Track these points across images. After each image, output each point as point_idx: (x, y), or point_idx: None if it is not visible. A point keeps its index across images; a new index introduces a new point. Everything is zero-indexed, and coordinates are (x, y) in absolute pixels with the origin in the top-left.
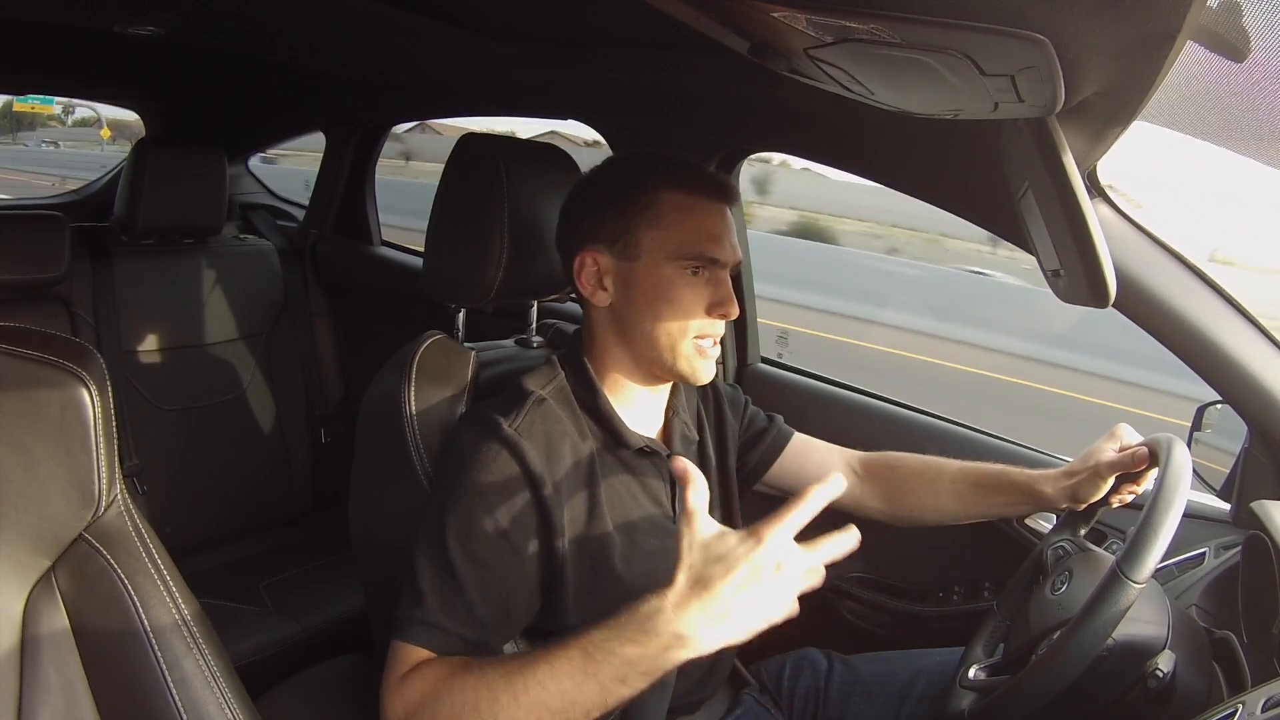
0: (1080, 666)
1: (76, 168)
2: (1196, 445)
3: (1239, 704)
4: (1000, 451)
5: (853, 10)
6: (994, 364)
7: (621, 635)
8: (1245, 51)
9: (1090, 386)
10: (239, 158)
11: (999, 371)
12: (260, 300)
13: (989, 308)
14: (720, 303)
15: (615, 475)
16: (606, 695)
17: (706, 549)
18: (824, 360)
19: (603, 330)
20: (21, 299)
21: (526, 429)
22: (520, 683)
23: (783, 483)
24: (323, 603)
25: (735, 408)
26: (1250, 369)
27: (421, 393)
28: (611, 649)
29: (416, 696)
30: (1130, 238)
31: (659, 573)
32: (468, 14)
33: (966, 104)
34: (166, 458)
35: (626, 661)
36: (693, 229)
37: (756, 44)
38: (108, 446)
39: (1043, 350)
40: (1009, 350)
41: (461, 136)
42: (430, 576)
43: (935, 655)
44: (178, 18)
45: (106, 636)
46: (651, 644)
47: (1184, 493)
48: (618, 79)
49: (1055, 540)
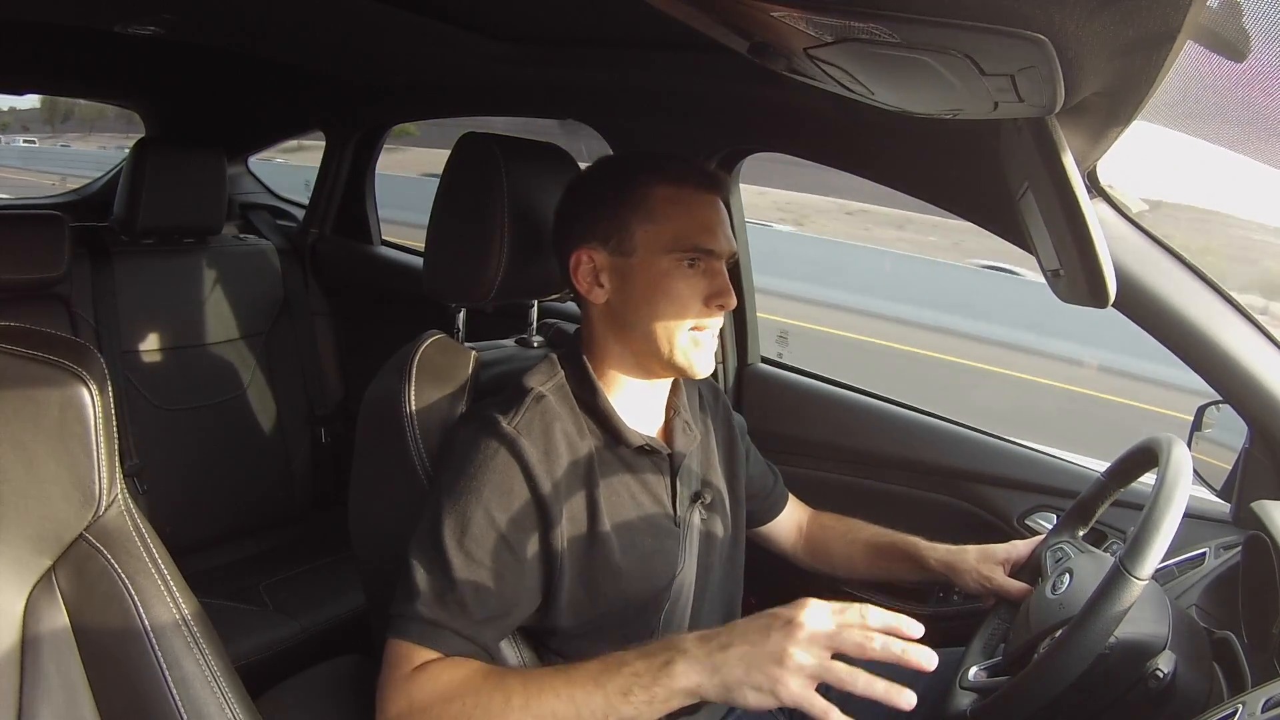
0: (1082, 666)
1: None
2: (1198, 443)
3: (1239, 704)
4: (1000, 451)
5: (853, 10)
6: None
7: (637, 649)
8: (1245, 51)
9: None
10: (239, 158)
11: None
12: (260, 300)
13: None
14: (717, 293)
15: (614, 473)
16: (609, 708)
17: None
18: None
19: (601, 327)
20: (21, 299)
21: (525, 426)
22: (535, 689)
23: (756, 534)
24: (323, 603)
25: (743, 433)
26: (1250, 369)
27: (422, 392)
28: (624, 658)
29: (426, 696)
30: (1130, 238)
31: (656, 572)
32: (467, 14)
33: (966, 104)
34: (166, 458)
35: (634, 674)
36: (685, 221)
37: (756, 44)
38: (108, 446)
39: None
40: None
41: (462, 136)
42: (426, 573)
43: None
44: (178, 18)
45: (107, 636)
46: (657, 656)
47: (1185, 490)
48: (618, 79)
49: (1055, 541)
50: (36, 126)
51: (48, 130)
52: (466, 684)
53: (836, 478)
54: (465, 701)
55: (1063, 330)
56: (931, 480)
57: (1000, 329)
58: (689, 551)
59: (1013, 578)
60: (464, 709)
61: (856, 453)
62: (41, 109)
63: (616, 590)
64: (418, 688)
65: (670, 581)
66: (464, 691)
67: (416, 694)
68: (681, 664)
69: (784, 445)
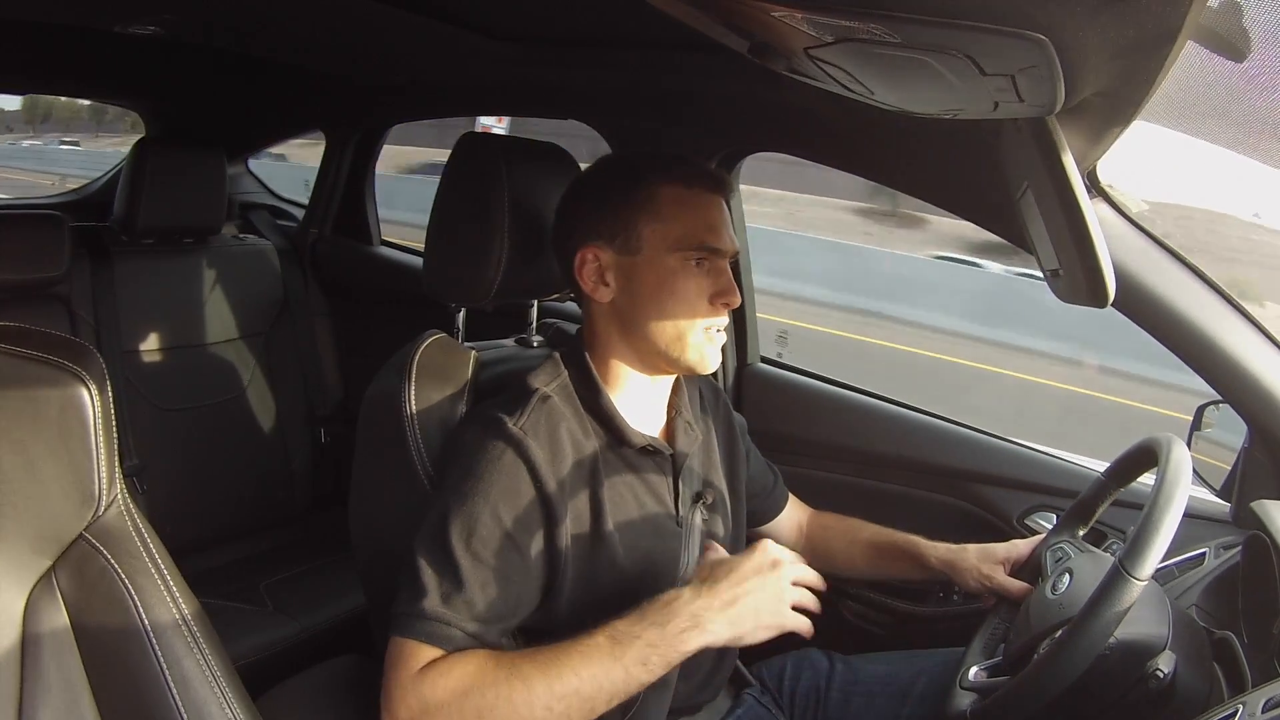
0: (1082, 666)
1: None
2: (1198, 443)
3: (1239, 704)
4: (1000, 451)
5: (852, 10)
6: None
7: (644, 620)
8: (1245, 51)
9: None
10: (239, 158)
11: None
12: (260, 300)
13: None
14: (722, 292)
15: (617, 474)
16: (629, 679)
17: (715, 562)
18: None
19: (605, 326)
20: (21, 299)
21: (531, 427)
22: (554, 672)
23: (756, 533)
24: (323, 603)
25: (743, 432)
26: (1250, 369)
27: (422, 392)
28: (635, 633)
29: (440, 693)
30: (1130, 238)
31: (658, 571)
32: (467, 14)
33: (966, 104)
34: (166, 458)
35: (649, 644)
36: (692, 220)
37: (756, 44)
38: (108, 446)
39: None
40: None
41: (462, 136)
42: (432, 572)
43: (935, 655)
44: (178, 17)
45: (107, 636)
46: (671, 624)
47: (1184, 489)
48: (618, 79)
49: (1055, 540)
50: (19, 127)
51: (29, 130)
52: (480, 676)
53: (836, 478)
54: (485, 694)
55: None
56: (931, 480)
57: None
58: (691, 552)
59: (1013, 577)
60: (484, 702)
61: (856, 453)
62: (23, 109)
63: (619, 590)
64: (429, 685)
65: (672, 581)
66: (480, 684)
67: (429, 692)
68: (696, 634)
69: (784, 445)
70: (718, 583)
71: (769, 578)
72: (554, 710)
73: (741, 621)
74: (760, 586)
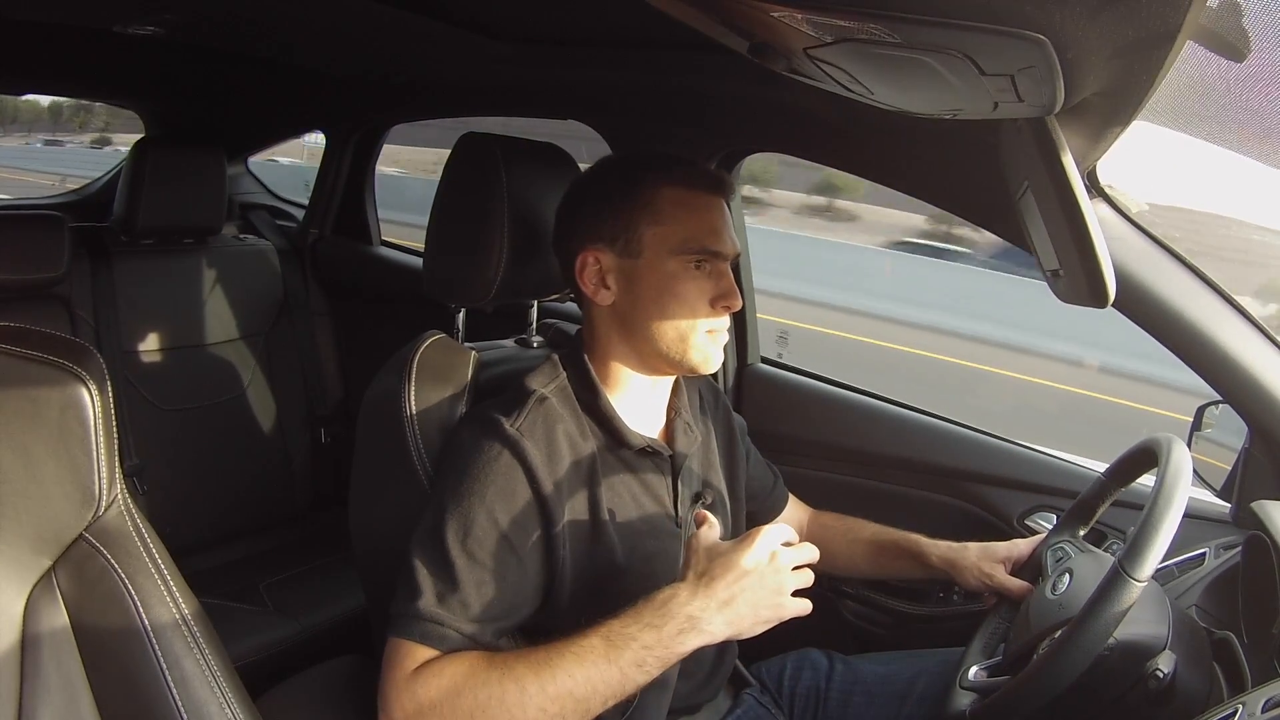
0: (1082, 666)
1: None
2: (1198, 443)
3: (1239, 704)
4: (1000, 451)
5: (852, 10)
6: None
7: (639, 621)
8: (1245, 51)
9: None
10: (239, 158)
11: None
12: (260, 300)
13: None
14: (724, 294)
15: (616, 475)
16: (625, 681)
17: (710, 553)
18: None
19: (605, 329)
20: (21, 299)
21: (528, 428)
22: (548, 673)
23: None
24: (323, 603)
25: (743, 433)
26: (1250, 369)
27: (421, 392)
28: (631, 634)
29: (433, 693)
30: (1130, 238)
31: (658, 573)
32: (467, 14)
33: (966, 104)
34: (166, 458)
35: (644, 646)
36: (693, 223)
37: (756, 44)
38: (108, 446)
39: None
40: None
41: (462, 136)
42: (427, 573)
43: (935, 655)
44: (178, 17)
45: (107, 636)
46: (667, 626)
47: (1184, 490)
48: (618, 79)
49: (1055, 540)
50: None
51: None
52: (473, 676)
53: (836, 478)
54: (477, 695)
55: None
56: (931, 480)
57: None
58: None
59: (1013, 577)
60: (476, 702)
61: (856, 453)
62: None
63: (618, 591)
64: (423, 686)
65: (671, 582)
66: (473, 685)
67: (423, 692)
68: (693, 635)
69: (784, 445)
70: (714, 581)
71: (766, 572)
72: (548, 711)
73: (740, 619)
74: (758, 583)
